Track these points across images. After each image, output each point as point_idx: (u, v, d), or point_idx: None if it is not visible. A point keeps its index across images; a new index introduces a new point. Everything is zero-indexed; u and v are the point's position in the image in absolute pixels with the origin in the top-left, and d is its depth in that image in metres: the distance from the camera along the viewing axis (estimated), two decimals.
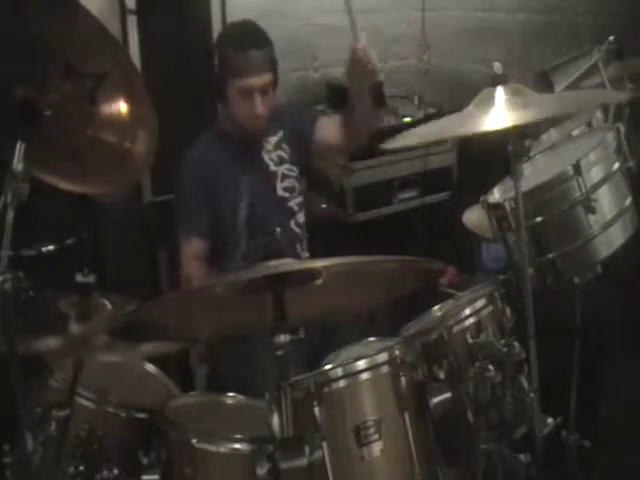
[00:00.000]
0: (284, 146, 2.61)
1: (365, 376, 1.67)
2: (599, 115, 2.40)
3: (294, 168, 2.62)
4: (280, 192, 2.57)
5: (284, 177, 2.58)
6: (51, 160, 1.69)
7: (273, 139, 2.59)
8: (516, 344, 1.74)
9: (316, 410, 1.61)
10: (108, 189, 1.90)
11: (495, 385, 1.73)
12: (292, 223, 2.59)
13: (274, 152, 2.58)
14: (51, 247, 2.11)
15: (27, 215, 1.54)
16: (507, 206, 1.90)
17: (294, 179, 2.61)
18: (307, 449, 1.42)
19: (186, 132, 2.60)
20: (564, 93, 2.54)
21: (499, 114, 1.70)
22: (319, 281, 1.48)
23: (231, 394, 2.03)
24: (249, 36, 2.44)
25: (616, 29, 2.72)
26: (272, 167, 2.57)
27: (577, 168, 1.89)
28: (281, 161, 2.59)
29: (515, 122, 1.66)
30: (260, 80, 2.39)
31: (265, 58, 2.41)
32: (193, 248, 2.47)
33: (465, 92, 1.87)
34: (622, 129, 2.03)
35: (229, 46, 2.41)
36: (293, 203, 2.60)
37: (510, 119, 1.67)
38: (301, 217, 2.63)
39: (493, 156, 1.90)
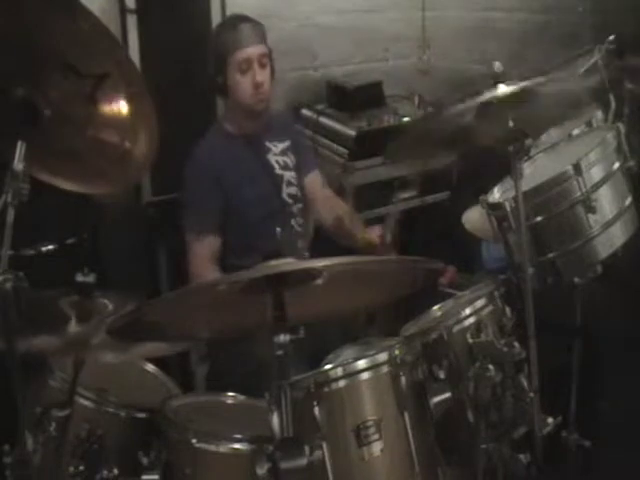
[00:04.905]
0: (290, 154, 2.65)
1: (365, 376, 1.67)
2: (599, 115, 2.39)
3: (297, 176, 2.66)
4: (285, 197, 2.61)
5: (289, 184, 2.63)
6: (51, 160, 1.68)
7: (281, 145, 2.64)
8: (516, 344, 1.75)
9: (316, 410, 1.61)
10: (108, 189, 1.89)
11: (495, 385, 1.73)
12: (293, 222, 2.62)
13: (280, 157, 2.63)
14: (51, 247, 2.11)
15: (27, 215, 1.54)
16: (507, 206, 1.90)
17: (297, 187, 2.65)
18: (307, 449, 1.41)
19: (186, 132, 2.60)
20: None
21: None
22: (319, 281, 1.48)
23: (231, 394, 2.03)
24: (238, 16, 2.58)
25: (616, 29, 2.71)
26: (277, 170, 2.61)
27: (577, 168, 1.89)
28: (286, 167, 2.63)
29: None
30: (256, 50, 2.47)
31: (257, 31, 2.50)
32: (207, 247, 2.47)
33: (465, 92, 1.86)
34: (622, 129, 2.03)
35: (222, 29, 2.54)
36: (295, 208, 2.64)
37: None
38: (300, 220, 2.66)
39: (493, 156, 1.90)
